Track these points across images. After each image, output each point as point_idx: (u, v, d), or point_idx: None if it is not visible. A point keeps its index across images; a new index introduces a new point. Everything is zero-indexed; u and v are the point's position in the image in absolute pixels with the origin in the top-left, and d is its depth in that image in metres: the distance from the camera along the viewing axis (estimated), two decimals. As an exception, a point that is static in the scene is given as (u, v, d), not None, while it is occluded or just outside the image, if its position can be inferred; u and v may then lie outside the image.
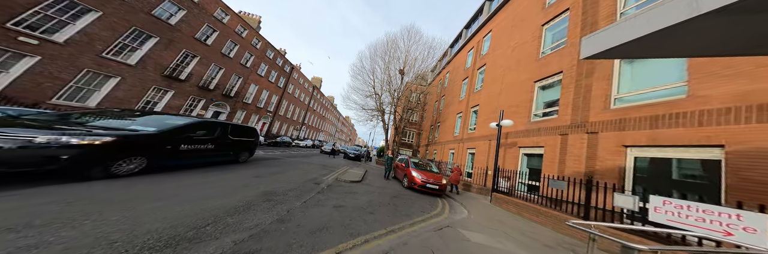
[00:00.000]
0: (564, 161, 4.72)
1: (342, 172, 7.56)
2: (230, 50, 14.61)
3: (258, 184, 3.84)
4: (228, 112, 15.33)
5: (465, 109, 11.36)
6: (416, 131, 23.75)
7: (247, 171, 4.85)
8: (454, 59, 16.24)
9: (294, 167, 6.73)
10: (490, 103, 8.78)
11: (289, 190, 3.81)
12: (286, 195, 3.49)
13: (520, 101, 6.74)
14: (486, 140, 8.19)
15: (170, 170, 3.84)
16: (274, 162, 6.92)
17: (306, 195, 3.75)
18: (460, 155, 10.43)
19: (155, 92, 10.04)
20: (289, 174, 5.27)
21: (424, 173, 6.56)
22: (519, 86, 7.05)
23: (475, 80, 11.21)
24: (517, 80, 7.24)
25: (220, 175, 4.12)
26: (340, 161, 11.69)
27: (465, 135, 10.59)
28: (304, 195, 3.69)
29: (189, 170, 4.06)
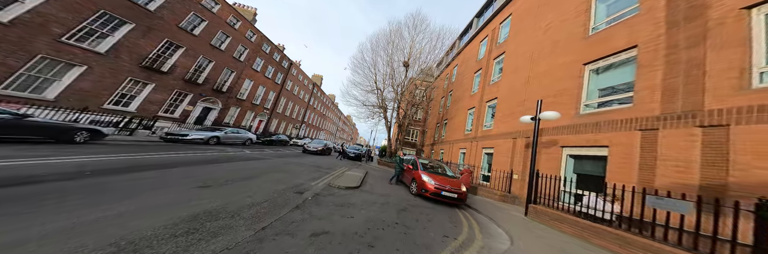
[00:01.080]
0: (651, 168, 3.34)
1: (337, 175, 6.40)
2: (221, 42, 13.60)
3: (200, 198, 2.60)
4: (220, 108, 14.35)
5: (478, 104, 10.06)
6: (420, 130, 22.49)
7: (191, 177, 3.37)
8: (464, 51, 14.89)
9: (277, 169, 5.58)
10: (512, 95, 7.46)
11: (247, 206, 2.63)
12: (236, 217, 2.28)
13: (561, 89, 5.40)
14: (508, 139, 6.89)
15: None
16: (250, 164, 5.72)
17: (272, 214, 2.55)
18: (474, 155, 9.14)
19: (132, 85, 9.05)
20: (263, 180, 4.07)
21: (437, 178, 5.34)
22: (558, 71, 5.70)
23: (491, 71, 9.89)
24: (555, 65, 5.89)
25: (146, 185, 2.96)
26: (337, 162, 10.55)
27: (479, 133, 9.30)
28: (269, 215, 2.49)
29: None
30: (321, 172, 6.57)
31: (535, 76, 6.51)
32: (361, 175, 7.10)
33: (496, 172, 7.00)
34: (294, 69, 24.54)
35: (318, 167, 7.42)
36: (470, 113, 11.17)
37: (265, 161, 6.70)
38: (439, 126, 16.10)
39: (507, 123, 7.20)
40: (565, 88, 5.29)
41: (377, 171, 10.01)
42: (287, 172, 5.39)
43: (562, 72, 5.53)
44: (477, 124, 9.73)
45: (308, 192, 3.88)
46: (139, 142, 6.79)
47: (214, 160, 5.38)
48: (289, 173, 5.32)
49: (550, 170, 4.86)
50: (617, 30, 4.56)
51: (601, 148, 4.14)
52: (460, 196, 4.81)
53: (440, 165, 6.72)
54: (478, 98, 10.38)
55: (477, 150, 9.01)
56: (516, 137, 6.48)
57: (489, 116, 9.23)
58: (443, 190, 4.84)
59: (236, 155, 6.78)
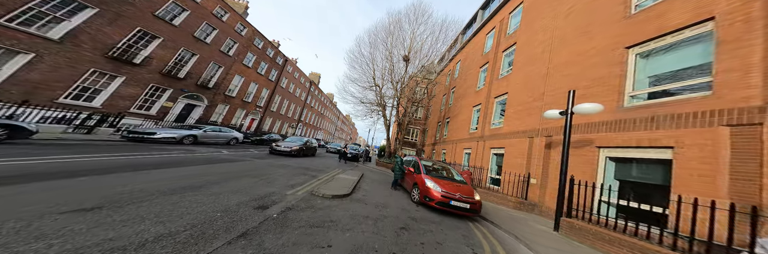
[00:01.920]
0: (754, 176, 2.41)
1: (326, 179, 5.44)
2: (206, 35, 12.62)
3: (39, 238, 1.40)
4: (205, 105, 13.35)
5: (485, 100, 9.16)
6: (420, 129, 21.60)
7: (92, 191, 2.27)
8: (468, 45, 14.03)
9: (249, 173, 4.61)
10: (527, 89, 6.55)
11: (137, 245, 1.51)
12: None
13: (594, 79, 4.45)
14: (523, 137, 5.97)
15: None
16: (216, 167, 4.65)
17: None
18: (480, 156, 8.23)
19: (96, 77, 8.04)
20: (214, 192, 3.01)
21: (444, 183, 4.40)
22: (588, 59, 4.75)
23: (499, 65, 9.00)
24: (582, 53, 4.95)
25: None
26: (331, 163, 9.59)
27: (487, 131, 8.39)
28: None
29: None
30: (307, 176, 5.61)
31: (557, 66, 5.60)
32: (354, 179, 6.16)
33: (507, 175, 6.08)
34: (289, 66, 23.56)
35: (305, 170, 6.46)
36: (476, 111, 10.28)
37: (241, 163, 5.73)
38: (441, 125, 15.21)
39: (521, 120, 6.28)
40: (599, 77, 4.35)
41: (375, 173, 9.07)
42: (261, 177, 4.42)
43: (594, 59, 4.60)
44: (483, 122, 8.83)
45: (276, 205, 2.92)
46: (92, 142, 5.80)
47: (169, 163, 4.41)
48: (263, 178, 4.34)
49: (582, 175, 3.94)
50: (674, 3, 3.63)
51: (661, 149, 3.18)
52: (473, 207, 3.88)
53: (446, 168, 5.79)
54: (484, 94, 9.49)
55: (484, 151, 8.09)
56: (533, 135, 5.57)
57: (497, 113, 8.32)
58: (452, 199, 3.91)
59: (206, 157, 5.80)
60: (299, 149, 9.21)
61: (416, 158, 5.81)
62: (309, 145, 10.43)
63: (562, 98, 4.93)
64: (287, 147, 8.88)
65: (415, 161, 5.73)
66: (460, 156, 10.45)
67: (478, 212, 4.00)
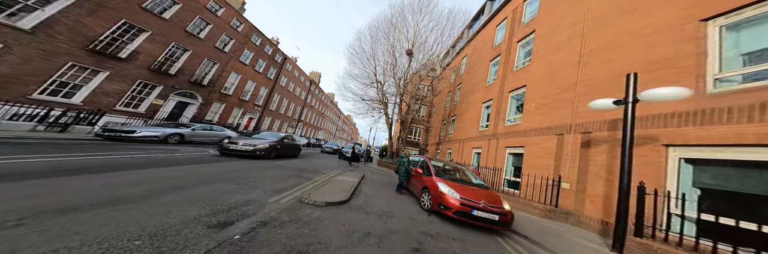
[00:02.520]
0: None
1: (322, 182, 4.74)
2: (200, 30, 12.07)
3: None
4: (199, 103, 12.78)
5: (498, 95, 8.38)
6: (423, 128, 20.82)
7: None
8: (476, 39, 13.25)
9: (227, 176, 3.89)
10: (552, 80, 5.77)
11: None
12: None
13: (655, 61, 3.58)
14: (549, 135, 5.17)
15: None
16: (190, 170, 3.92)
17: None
18: (493, 156, 7.45)
19: (75, 71, 7.47)
20: (170, 199, 2.35)
21: (462, 188, 3.66)
22: (644, 38, 3.88)
23: (514, 57, 8.22)
24: (635, 32, 4.08)
25: None
26: (329, 163, 8.89)
27: (500, 129, 7.60)
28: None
29: None
30: (300, 178, 4.91)
31: (593, 52, 4.79)
32: (354, 181, 5.44)
33: (529, 178, 5.29)
34: (288, 64, 23.01)
35: (300, 171, 5.77)
36: (486, 107, 9.50)
37: (226, 164, 5.05)
38: (446, 123, 14.44)
39: (545, 115, 5.49)
40: (662, 58, 3.48)
41: (377, 174, 8.35)
42: (243, 180, 3.71)
43: (653, 38, 3.75)
44: (496, 119, 8.04)
45: (246, 220, 2.19)
46: (60, 141, 5.18)
47: (136, 165, 3.75)
48: (244, 182, 3.64)
49: (640, 180, 3.11)
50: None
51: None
52: (503, 219, 3.12)
53: (459, 169, 5.01)
54: (496, 88, 8.71)
55: (497, 150, 7.31)
56: (563, 132, 4.77)
57: (513, 108, 7.54)
58: (475, 208, 3.15)
59: (187, 157, 5.13)
60: (269, 148, 6.22)
61: (425, 158, 5.07)
62: (287, 143, 7.55)
63: (604, 86, 4.13)
64: (249, 145, 5.87)
65: (423, 162, 4.99)
66: (469, 156, 9.67)
67: (510, 225, 3.23)
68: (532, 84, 6.46)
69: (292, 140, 8.43)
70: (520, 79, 7.23)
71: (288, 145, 7.82)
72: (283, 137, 7.59)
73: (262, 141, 6.53)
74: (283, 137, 7.61)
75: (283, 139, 7.49)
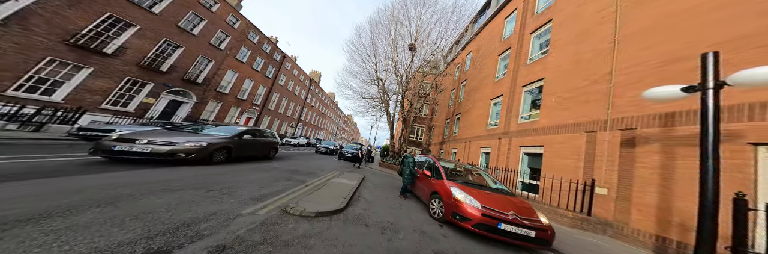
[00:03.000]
0: None
1: (316, 185, 4.16)
2: (193, 26, 11.61)
3: None
4: (194, 102, 12.33)
5: (509, 90, 7.76)
6: (426, 127, 20.20)
7: None
8: (482, 33, 12.65)
9: (204, 180, 3.35)
10: (576, 71, 5.14)
11: None
12: None
13: (729, 40, 2.89)
14: (576, 132, 4.53)
15: None
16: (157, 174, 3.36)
17: None
18: (505, 155, 6.83)
19: (55, 67, 7.00)
20: (104, 215, 1.77)
21: (482, 195, 3.07)
22: (709, 13, 3.18)
23: (527, 49, 7.60)
24: (691, 8, 3.37)
25: None
26: (327, 164, 8.33)
27: (513, 126, 6.98)
28: None
29: None
30: (291, 181, 4.35)
31: (632, 36, 4.11)
32: (353, 184, 4.87)
33: (550, 181, 4.67)
34: (287, 63, 22.56)
35: (292, 173, 5.21)
36: (495, 104, 8.88)
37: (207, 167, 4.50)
38: (450, 122, 13.82)
39: (570, 110, 4.85)
40: (741, 36, 2.79)
41: (378, 176, 7.77)
42: (214, 186, 3.13)
43: (725, 12, 3.05)
44: (508, 116, 7.42)
45: (197, 243, 1.59)
46: (20, 141, 4.67)
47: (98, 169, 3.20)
48: (215, 188, 3.05)
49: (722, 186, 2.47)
50: None
51: None
52: (541, 235, 2.49)
53: (474, 171, 4.39)
54: (506, 84, 8.10)
55: (510, 149, 6.68)
56: (594, 129, 4.13)
57: (527, 104, 6.91)
58: (502, 220, 2.54)
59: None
60: (204, 148, 4.10)
61: (432, 158, 4.47)
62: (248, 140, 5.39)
63: (651, 74, 3.46)
64: (162, 144, 3.72)
65: (431, 163, 4.39)
66: (476, 156, 9.05)
67: (550, 243, 2.56)
68: (552, 77, 5.82)
69: (261, 135, 6.11)
70: (535, 72, 6.61)
71: (250, 143, 5.41)
72: (243, 132, 5.20)
73: (197, 139, 4.10)
74: (242, 131, 5.20)
75: (242, 134, 5.15)
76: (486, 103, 9.37)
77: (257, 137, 5.96)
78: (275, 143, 7.06)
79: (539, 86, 6.31)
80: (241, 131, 5.34)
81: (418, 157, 5.50)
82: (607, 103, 3.97)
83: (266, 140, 6.46)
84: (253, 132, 5.85)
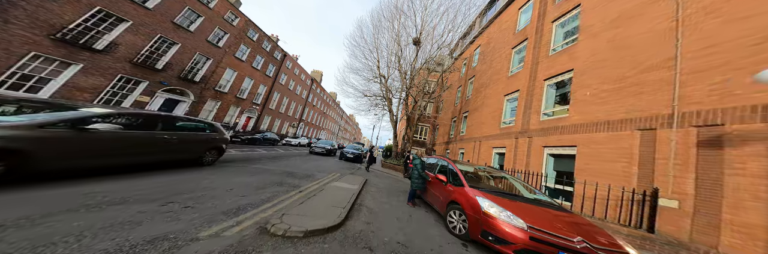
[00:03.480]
0: None
1: (311, 191, 3.58)
2: (190, 22, 11.24)
3: None
4: (191, 101, 11.97)
5: (527, 85, 7.04)
6: (430, 127, 19.48)
7: None
8: (491, 27, 11.91)
9: (161, 188, 2.80)
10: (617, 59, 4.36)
11: None
12: None
13: None
14: (628, 130, 3.73)
15: None
16: (106, 185, 2.86)
17: None
18: (523, 157, 6.13)
19: (41, 63, 6.64)
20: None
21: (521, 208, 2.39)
22: None
23: (549, 39, 6.86)
24: None
25: None
26: (327, 165, 7.76)
27: (533, 124, 6.26)
28: None
29: None
30: (283, 186, 3.78)
31: (704, 10, 3.23)
32: (353, 189, 4.28)
33: (587, 187, 3.94)
34: (289, 61, 22.19)
35: (286, 176, 4.65)
36: (509, 100, 8.15)
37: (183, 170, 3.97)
38: (456, 121, 13.08)
39: (614, 104, 4.09)
40: None
41: (381, 178, 7.16)
42: (179, 197, 2.57)
43: None
44: (526, 113, 6.70)
45: None
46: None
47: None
48: (178, 200, 2.48)
49: None
50: None
51: None
52: None
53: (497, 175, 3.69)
54: (523, 78, 7.37)
55: (530, 150, 5.96)
56: (653, 126, 3.29)
57: (550, 99, 6.17)
58: (567, 249, 1.78)
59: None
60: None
61: (446, 160, 3.82)
62: (110, 133, 2.57)
63: (750, 53, 2.63)
64: None
65: (444, 165, 3.75)
66: (487, 157, 8.33)
67: None
68: (584, 67, 5.07)
69: (168, 125, 3.44)
70: (561, 63, 5.86)
71: (111, 139, 2.67)
72: (75, 118, 2.35)
73: None
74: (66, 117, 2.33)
75: (66, 121, 2.26)
76: (498, 99, 8.64)
77: (145, 129, 3.09)
78: (213, 139, 4.28)
79: (567, 78, 5.56)
80: (68, 117, 2.35)
81: (428, 158, 4.85)
82: (672, 93, 3.21)
83: (187, 136, 3.71)
84: (129, 117, 2.94)
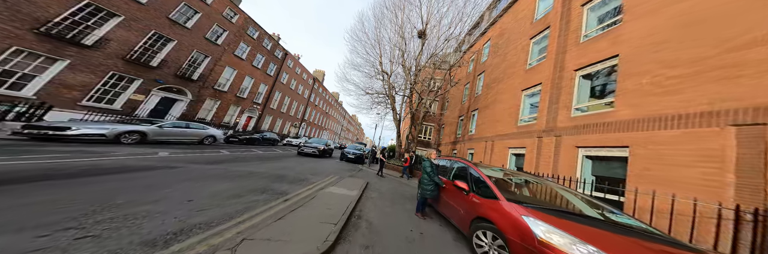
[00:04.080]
0: None
1: (300, 199, 2.92)
2: (186, 18, 10.90)
3: None
4: (189, 100, 11.63)
5: (551, 77, 6.25)
6: (435, 126, 18.66)
7: None
8: (504, 17, 11.09)
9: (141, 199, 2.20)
10: (684, 39, 3.51)
11: None
12: None
13: None
14: (713, 126, 2.87)
15: None
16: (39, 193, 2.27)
17: None
18: (547, 158, 5.33)
19: (24, 58, 6.28)
20: None
21: (615, 242, 1.42)
22: None
23: (578, 25, 6.05)
24: None
25: None
26: (325, 167, 7.14)
27: (562, 121, 5.46)
28: None
29: None
30: (266, 194, 3.15)
31: None
32: (352, 195, 3.63)
33: (648, 198, 3.14)
34: (290, 60, 21.84)
35: (274, 180, 4.03)
36: (528, 95, 7.33)
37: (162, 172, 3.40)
38: (464, 119, 12.27)
39: (688, 93, 3.20)
40: None
41: (384, 181, 6.47)
42: (115, 212, 1.97)
43: None
44: (551, 108, 5.89)
45: None
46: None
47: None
48: (102, 219, 1.88)
49: None
50: None
51: None
52: None
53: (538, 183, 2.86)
54: (546, 69, 6.57)
55: (560, 151, 5.16)
56: (760, 121, 2.46)
57: (584, 91, 5.34)
58: None
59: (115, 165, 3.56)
60: None
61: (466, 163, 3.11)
62: None
63: None
64: None
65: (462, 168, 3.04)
66: (502, 158, 7.53)
67: None
68: (635, 51, 4.22)
69: None
70: (598, 50, 5.02)
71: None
72: None
73: None
74: None
75: None
76: (515, 95, 7.82)
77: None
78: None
79: (608, 66, 4.72)
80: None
81: (441, 160, 4.14)
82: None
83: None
84: None
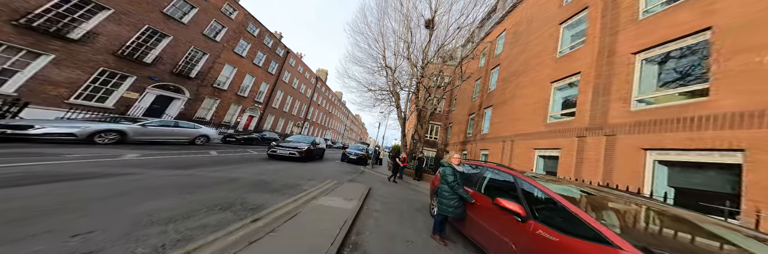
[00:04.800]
0: None
1: (278, 216, 2.10)
2: (183, 13, 10.47)
3: None
4: (187, 98, 11.23)
5: (595, 65, 5.26)
6: (441, 125, 17.60)
7: None
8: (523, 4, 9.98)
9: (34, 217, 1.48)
10: None
11: None
12: None
13: None
14: None
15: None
16: None
17: None
18: (594, 162, 4.31)
19: (2, 52, 5.87)
20: None
21: None
22: None
23: (632, 1, 4.94)
24: None
25: None
26: (323, 169, 6.36)
27: (615, 117, 4.44)
28: None
29: None
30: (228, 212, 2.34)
31: None
32: (349, 208, 2.80)
33: (766, 220, 2.14)
34: (292, 59, 21.38)
35: (254, 188, 3.26)
36: (559, 89, 6.29)
37: (103, 181, 2.70)
38: (476, 117, 11.21)
39: None
40: None
41: (388, 185, 5.61)
42: None
43: None
44: (596, 101, 4.87)
45: None
46: None
47: None
48: None
49: None
50: None
51: None
52: None
53: (654, 207, 1.76)
54: (588, 56, 5.53)
55: (615, 153, 4.12)
56: None
57: (649, 79, 4.26)
58: None
59: (48, 173, 2.90)
60: None
61: (515, 174, 2.22)
62: None
63: None
64: None
65: (511, 182, 2.17)
66: (527, 162, 6.50)
67: None
68: (741, 20, 3.09)
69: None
70: (676, 24, 3.86)
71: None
72: None
73: None
74: None
75: None
76: (542, 88, 6.77)
77: None
78: None
79: (691, 44, 3.62)
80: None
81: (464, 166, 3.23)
82: None
83: None
84: None
